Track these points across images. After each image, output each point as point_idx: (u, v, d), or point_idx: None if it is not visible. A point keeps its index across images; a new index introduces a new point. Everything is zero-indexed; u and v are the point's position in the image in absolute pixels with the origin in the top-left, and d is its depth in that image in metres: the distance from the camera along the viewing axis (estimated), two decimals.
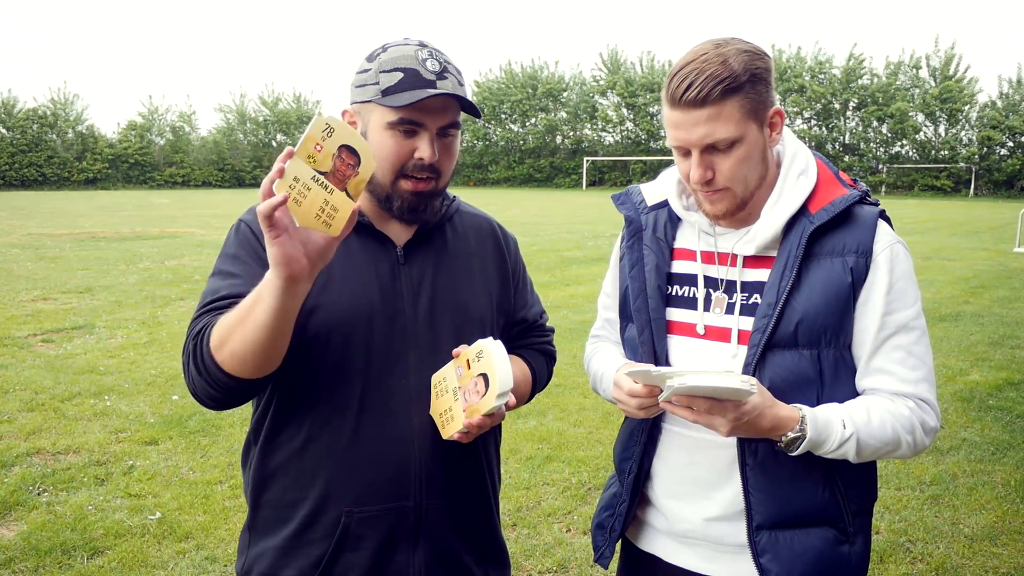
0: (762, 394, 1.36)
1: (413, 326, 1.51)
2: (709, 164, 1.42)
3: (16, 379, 6.02)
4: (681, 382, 1.26)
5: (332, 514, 1.48)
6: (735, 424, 1.33)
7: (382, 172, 1.46)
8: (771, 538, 1.47)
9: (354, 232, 1.52)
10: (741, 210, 1.49)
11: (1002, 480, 4.30)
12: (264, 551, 1.53)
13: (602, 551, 1.70)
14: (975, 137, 49.21)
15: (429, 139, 1.45)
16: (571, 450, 4.70)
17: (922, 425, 1.44)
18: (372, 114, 1.46)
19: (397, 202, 1.48)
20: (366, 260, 1.51)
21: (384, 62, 1.45)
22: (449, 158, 1.51)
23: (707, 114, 1.37)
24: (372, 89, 1.45)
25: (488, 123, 61.68)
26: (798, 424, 1.37)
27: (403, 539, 1.50)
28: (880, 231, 1.46)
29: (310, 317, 1.45)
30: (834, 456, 1.42)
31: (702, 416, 1.34)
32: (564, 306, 9.05)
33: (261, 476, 1.54)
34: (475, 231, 1.67)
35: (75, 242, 16.01)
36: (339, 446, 1.47)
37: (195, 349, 1.38)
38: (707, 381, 1.27)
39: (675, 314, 1.57)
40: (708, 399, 1.32)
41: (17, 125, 53.15)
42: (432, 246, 1.58)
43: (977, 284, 11.15)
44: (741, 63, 1.37)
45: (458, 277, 1.59)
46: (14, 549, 3.42)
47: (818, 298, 1.42)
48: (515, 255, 1.74)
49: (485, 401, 1.37)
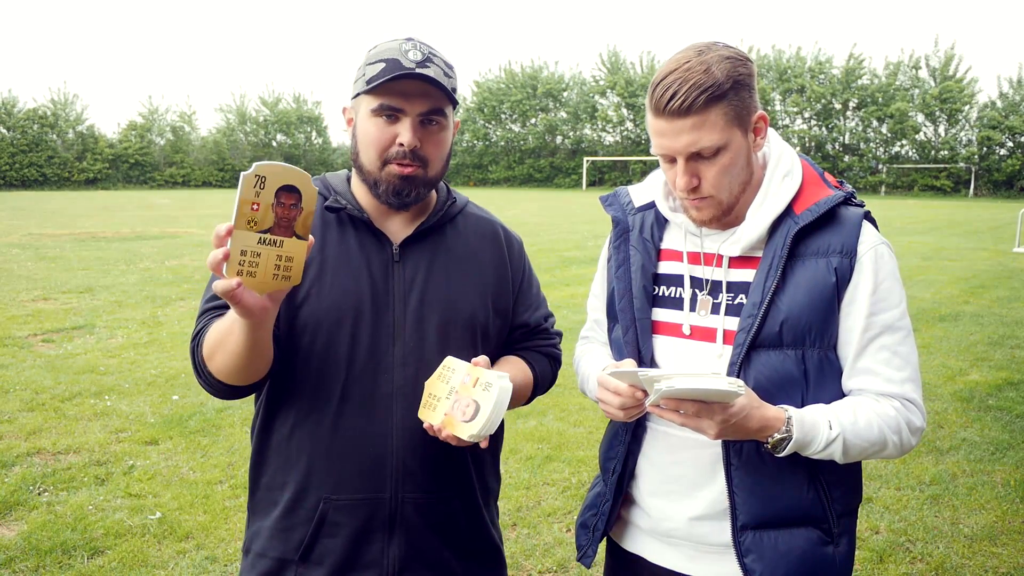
0: (748, 396, 1.35)
1: (401, 323, 1.54)
2: (694, 172, 1.43)
3: (16, 379, 6.02)
4: (669, 385, 1.24)
5: (312, 500, 1.53)
6: (723, 426, 1.32)
7: (369, 159, 1.52)
8: (755, 538, 1.48)
9: (352, 227, 1.57)
10: (727, 215, 1.51)
11: (1002, 480, 4.30)
12: (259, 530, 1.59)
13: (585, 550, 1.71)
14: (975, 137, 49.22)
15: (410, 125, 1.48)
16: (571, 450, 4.70)
17: (908, 425, 1.44)
18: (360, 105, 1.53)
19: (383, 186, 1.52)
20: (360, 255, 1.55)
21: (370, 56, 1.52)
22: (435, 146, 1.53)
23: (691, 123, 1.38)
24: (360, 82, 1.52)
25: (488, 123, 61.70)
26: (784, 425, 1.37)
27: (378, 530, 1.54)
28: (864, 232, 1.47)
29: (300, 308, 1.51)
30: (820, 456, 1.42)
31: (690, 419, 1.33)
32: (564, 306, 9.05)
33: (258, 457, 1.61)
34: (477, 233, 1.68)
35: (75, 242, 16.02)
36: (321, 434, 1.52)
37: (193, 354, 1.49)
38: (695, 384, 1.26)
39: (661, 314, 1.58)
40: (696, 402, 1.31)
41: (17, 125, 53.15)
42: (429, 245, 1.60)
43: (977, 284, 11.16)
44: (724, 71, 1.38)
45: (452, 277, 1.60)
46: (14, 549, 3.42)
47: (803, 298, 1.43)
48: (518, 258, 1.74)
49: (462, 428, 1.39)
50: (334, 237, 1.56)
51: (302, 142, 63.68)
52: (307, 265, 1.49)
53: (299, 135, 63.41)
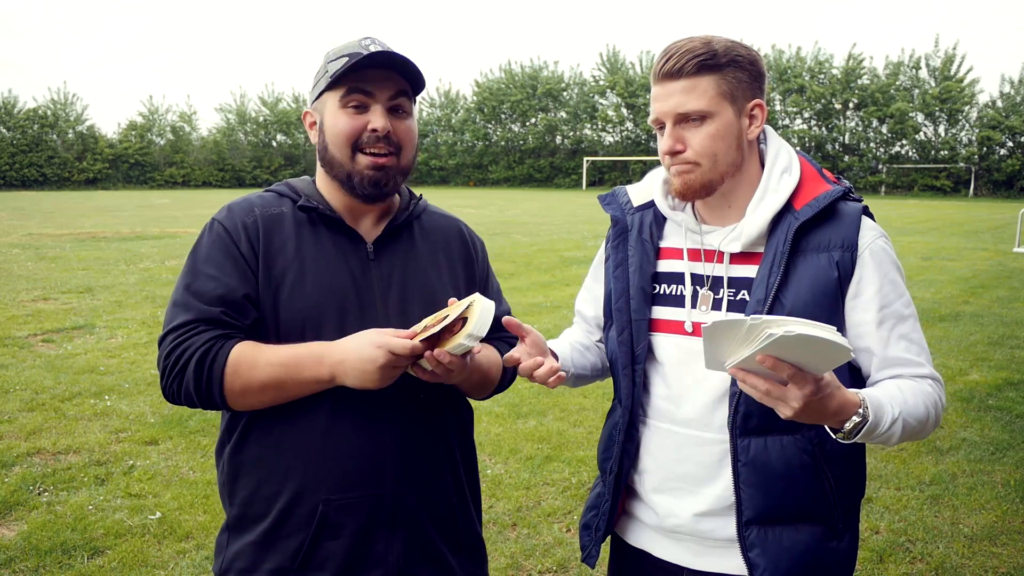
0: (830, 374, 1.26)
1: (384, 317, 1.54)
2: (679, 137, 1.47)
3: (16, 379, 6.02)
4: (787, 330, 1.09)
5: (308, 505, 1.50)
6: (807, 401, 1.20)
7: (340, 151, 1.53)
8: (760, 533, 1.48)
9: (324, 227, 1.57)
10: (709, 192, 1.51)
11: (1002, 480, 4.30)
12: (242, 549, 1.54)
13: (588, 551, 1.71)
14: (975, 137, 49.21)
15: (380, 111, 1.51)
16: (571, 450, 4.70)
17: (940, 400, 1.47)
18: (326, 104, 1.54)
19: (357, 178, 1.53)
20: (337, 255, 1.55)
21: (330, 55, 1.54)
22: (406, 132, 1.55)
23: (682, 86, 1.44)
24: (323, 80, 1.54)
25: (488, 123, 61.68)
26: (860, 408, 1.31)
27: (381, 526, 1.52)
28: (864, 226, 1.49)
29: (285, 309, 1.50)
30: (875, 441, 1.37)
31: (776, 388, 1.20)
32: (564, 306, 9.05)
33: (234, 474, 1.56)
34: (442, 231, 1.71)
35: (75, 242, 16.02)
36: (313, 436, 1.50)
37: (198, 375, 1.43)
38: (812, 331, 1.10)
39: (662, 312, 1.58)
40: (793, 366, 1.18)
41: (17, 125, 53.19)
42: (401, 243, 1.62)
43: (977, 284, 11.15)
44: (723, 46, 1.45)
45: (427, 270, 1.62)
46: (14, 549, 3.42)
47: (806, 293, 1.44)
48: (483, 258, 1.77)
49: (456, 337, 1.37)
50: (309, 237, 1.55)
51: (302, 142, 63.68)
52: (286, 266, 1.51)
53: (299, 135, 63.40)
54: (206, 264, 1.51)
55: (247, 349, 1.45)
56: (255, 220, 1.54)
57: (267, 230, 1.53)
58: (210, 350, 1.43)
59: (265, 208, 1.57)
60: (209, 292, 1.48)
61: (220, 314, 1.47)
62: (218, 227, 1.54)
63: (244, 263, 1.50)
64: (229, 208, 1.58)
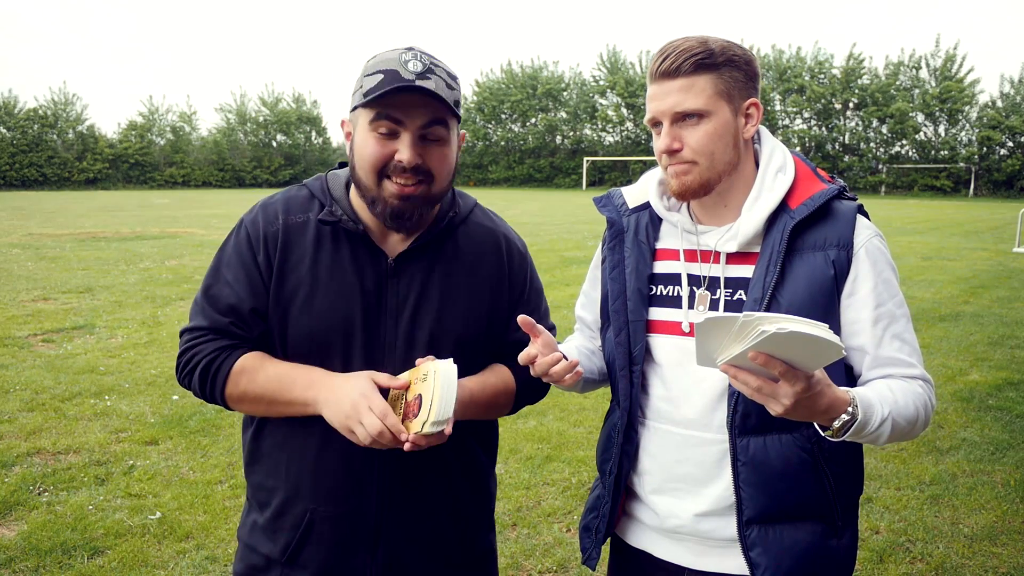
0: (821, 372, 1.26)
1: (392, 342, 1.53)
2: (677, 135, 1.47)
3: (16, 379, 6.02)
4: (780, 327, 1.10)
5: (299, 508, 1.55)
6: (798, 398, 1.21)
7: (366, 175, 1.47)
8: (761, 532, 1.49)
9: (346, 239, 1.54)
10: (706, 192, 1.51)
11: (1002, 480, 4.30)
12: (255, 523, 1.62)
13: (589, 553, 1.71)
14: (975, 137, 49.23)
15: (409, 141, 1.43)
16: (571, 450, 4.70)
17: (930, 402, 1.47)
18: (359, 119, 1.48)
19: (380, 205, 1.47)
20: (353, 271, 1.52)
21: (368, 67, 1.46)
22: (440, 160, 1.47)
23: (679, 85, 1.45)
24: (358, 94, 1.46)
25: (488, 123, 61.69)
26: (849, 406, 1.31)
27: (361, 543, 1.55)
28: (859, 224, 1.49)
29: (293, 327, 1.52)
30: (863, 439, 1.37)
31: (768, 385, 1.21)
32: (564, 306, 9.05)
33: (251, 456, 1.64)
34: (477, 245, 1.62)
35: (75, 242, 16.01)
36: (309, 447, 1.54)
37: (203, 380, 1.52)
38: (804, 328, 1.11)
39: (659, 313, 1.58)
40: (785, 363, 1.19)
41: (17, 125, 53.22)
42: (426, 259, 1.56)
43: (977, 284, 11.14)
44: (720, 46, 1.46)
45: (446, 292, 1.56)
46: (14, 549, 3.42)
47: (803, 292, 1.44)
48: (520, 271, 1.67)
49: (414, 424, 1.36)
50: (327, 251, 1.52)
51: (302, 142, 63.71)
52: (299, 284, 1.51)
53: (299, 135, 63.44)
54: (227, 268, 1.54)
55: (251, 362, 1.50)
56: (277, 231, 1.53)
57: (286, 242, 1.52)
58: (215, 360, 1.50)
59: (291, 215, 1.55)
60: (223, 300, 1.52)
61: (229, 324, 1.51)
62: (244, 232, 1.55)
63: (258, 275, 1.52)
64: (262, 208, 1.58)
